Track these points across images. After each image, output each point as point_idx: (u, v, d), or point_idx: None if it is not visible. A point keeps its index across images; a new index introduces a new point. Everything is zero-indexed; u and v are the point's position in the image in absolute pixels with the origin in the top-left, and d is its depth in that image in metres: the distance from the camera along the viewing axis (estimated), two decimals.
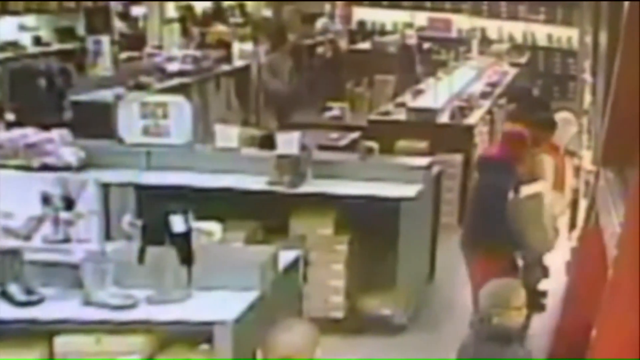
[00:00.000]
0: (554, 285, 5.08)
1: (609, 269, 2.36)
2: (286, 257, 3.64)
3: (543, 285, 5.17)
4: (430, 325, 5.03)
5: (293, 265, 3.70)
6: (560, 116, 5.39)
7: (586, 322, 2.50)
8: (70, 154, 5.01)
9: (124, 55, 9.86)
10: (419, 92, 8.60)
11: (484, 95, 8.77)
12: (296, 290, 3.84)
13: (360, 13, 14.38)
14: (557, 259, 5.43)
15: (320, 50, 11.20)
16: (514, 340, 2.89)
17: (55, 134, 5.11)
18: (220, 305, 3.09)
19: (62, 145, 5.05)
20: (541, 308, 5.07)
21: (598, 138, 3.73)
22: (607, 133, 3.04)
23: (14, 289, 3.09)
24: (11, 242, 3.16)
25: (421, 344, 4.66)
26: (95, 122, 6.46)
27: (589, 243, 3.41)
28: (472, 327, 3.01)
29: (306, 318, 3.82)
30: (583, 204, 5.21)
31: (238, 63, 10.22)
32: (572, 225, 5.98)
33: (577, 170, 6.41)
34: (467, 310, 4.96)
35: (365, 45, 12.43)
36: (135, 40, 10.77)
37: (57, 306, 3.09)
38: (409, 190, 4.90)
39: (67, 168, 4.83)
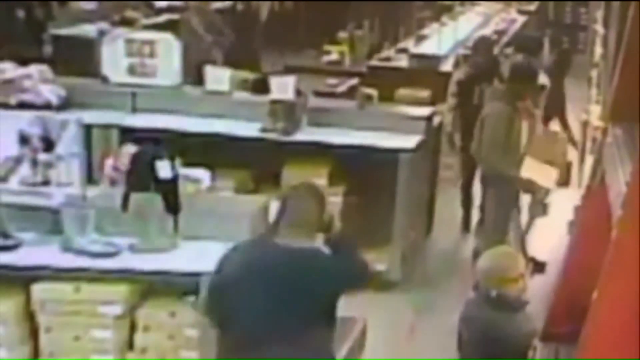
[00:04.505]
0: (556, 245, 5.13)
1: (613, 229, 2.36)
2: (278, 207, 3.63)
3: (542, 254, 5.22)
4: (425, 282, 5.08)
5: None
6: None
7: (588, 283, 2.52)
8: (50, 92, 4.94)
9: None
10: (422, 38, 8.48)
11: None
12: None
13: None
14: (560, 218, 5.47)
15: None
16: (516, 308, 2.91)
17: (34, 69, 5.02)
18: (207, 255, 3.09)
19: (42, 82, 4.97)
20: (540, 270, 5.13)
21: (607, 93, 3.71)
22: (617, 89, 3.02)
23: None
24: None
25: (415, 300, 4.71)
26: (78, 59, 6.36)
27: (593, 202, 3.42)
28: (474, 290, 3.04)
29: None
30: (589, 161, 5.21)
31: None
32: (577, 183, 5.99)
33: (585, 125, 6.39)
34: (463, 266, 5.02)
35: None
36: None
37: (35, 252, 3.09)
38: (409, 141, 4.88)
39: (47, 107, 4.77)
